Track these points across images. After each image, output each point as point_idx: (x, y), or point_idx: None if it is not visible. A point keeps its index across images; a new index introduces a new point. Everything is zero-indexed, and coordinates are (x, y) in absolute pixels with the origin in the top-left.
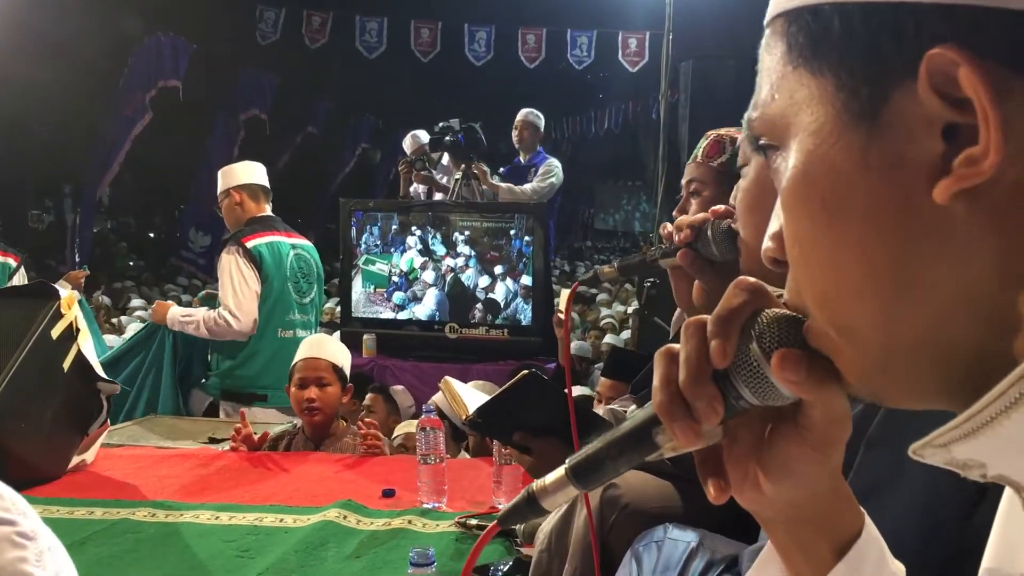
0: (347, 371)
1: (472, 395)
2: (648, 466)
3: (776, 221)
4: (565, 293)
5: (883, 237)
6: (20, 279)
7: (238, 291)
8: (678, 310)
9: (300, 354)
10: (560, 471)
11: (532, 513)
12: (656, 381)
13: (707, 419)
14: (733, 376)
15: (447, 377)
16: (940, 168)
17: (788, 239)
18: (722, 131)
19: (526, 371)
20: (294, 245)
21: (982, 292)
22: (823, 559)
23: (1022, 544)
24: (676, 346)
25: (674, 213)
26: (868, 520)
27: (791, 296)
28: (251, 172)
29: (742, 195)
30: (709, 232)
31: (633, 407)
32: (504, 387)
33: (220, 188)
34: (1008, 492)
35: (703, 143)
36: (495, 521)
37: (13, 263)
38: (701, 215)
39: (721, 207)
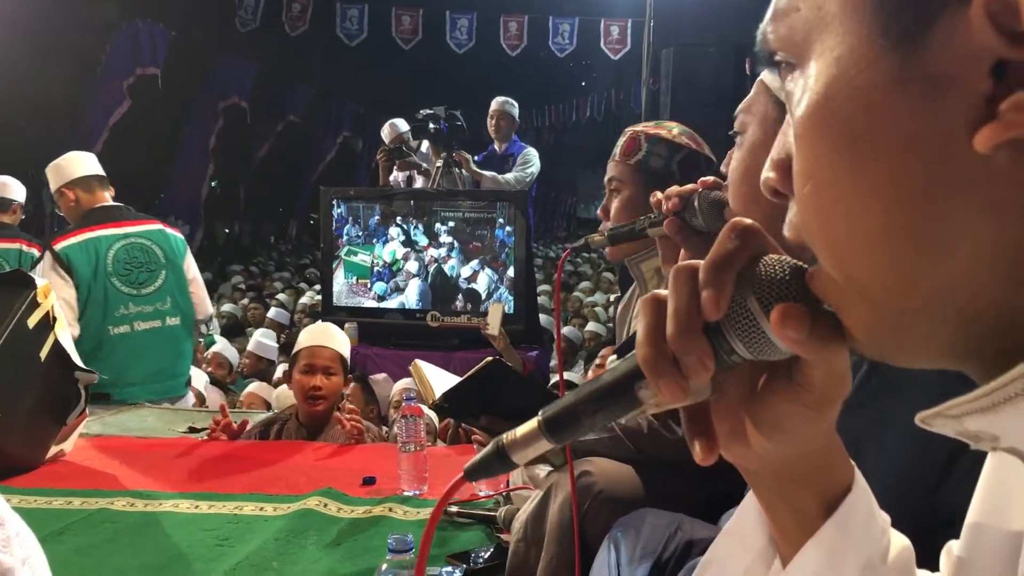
0: (348, 362)
1: (442, 378)
2: (622, 456)
3: (779, 148)
4: (495, 308)
5: (911, 182)
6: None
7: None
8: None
9: (306, 341)
10: (532, 423)
11: (501, 466)
12: (641, 332)
13: (696, 375)
14: (726, 329)
15: (417, 360)
16: (983, 111)
17: (800, 173)
18: (638, 127)
19: (490, 358)
20: (127, 235)
21: (1012, 251)
22: (811, 515)
23: (1010, 501)
24: (663, 292)
25: (598, 213)
26: (857, 472)
27: (792, 232)
28: (81, 164)
29: (735, 164)
30: (696, 202)
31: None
32: (469, 373)
33: (52, 188)
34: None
35: (621, 140)
36: (462, 474)
37: (36, 252)
38: (690, 185)
39: (710, 178)
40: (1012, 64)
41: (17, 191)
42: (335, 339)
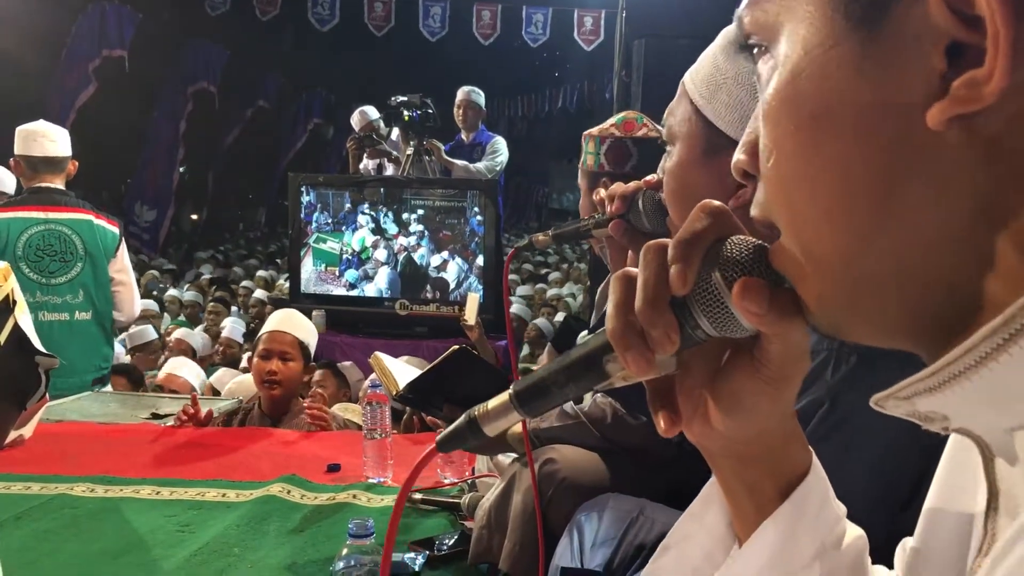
0: (312, 350)
1: (403, 370)
2: (586, 443)
3: (750, 131)
4: (472, 299)
5: (867, 157)
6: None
7: None
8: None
9: (268, 326)
10: (504, 395)
11: (472, 437)
12: (610, 306)
13: (661, 348)
14: (692, 304)
15: (377, 352)
16: (938, 89)
17: (765, 148)
18: (591, 130)
19: (457, 346)
20: (47, 221)
21: (962, 227)
22: (767, 497)
23: (963, 485)
24: (634, 270)
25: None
26: (815, 460)
27: (758, 210)
28: (24, 143)
29: (667, 178)
30: (640, 203)
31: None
32: (435, 361)
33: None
34: (955, 436)
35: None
36: (434, 444)
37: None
38: (633, 184)
39: (654, 177)
40: (965, 46)
41: (8, 182)
42: (296, 325)
